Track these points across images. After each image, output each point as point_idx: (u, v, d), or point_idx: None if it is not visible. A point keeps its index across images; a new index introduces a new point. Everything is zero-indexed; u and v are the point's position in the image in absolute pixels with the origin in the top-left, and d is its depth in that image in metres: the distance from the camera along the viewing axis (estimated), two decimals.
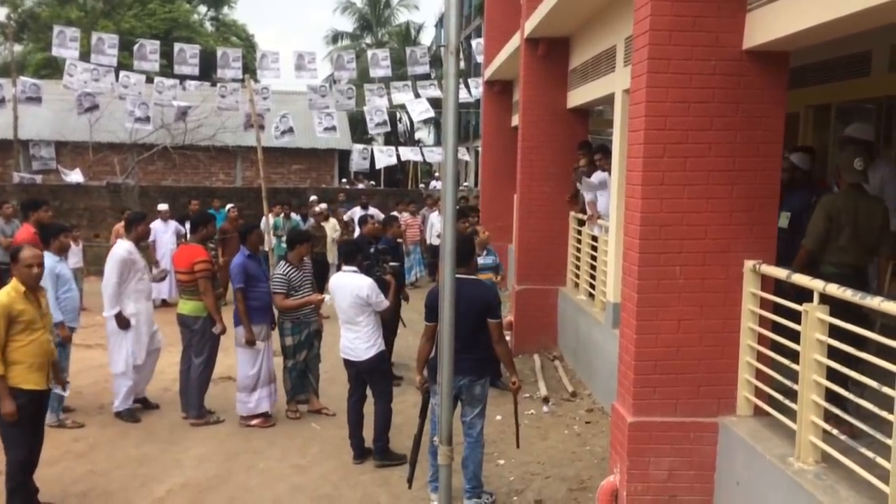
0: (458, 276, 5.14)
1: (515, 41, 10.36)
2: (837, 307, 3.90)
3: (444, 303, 3.09)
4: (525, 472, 5.98)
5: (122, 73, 16.69)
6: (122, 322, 7.03)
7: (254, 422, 6.99)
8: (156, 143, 20.30)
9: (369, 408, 6.25)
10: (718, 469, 4.73)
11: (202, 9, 42.25)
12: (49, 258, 6.60)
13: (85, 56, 16.84)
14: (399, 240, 8.86)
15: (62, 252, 6.81)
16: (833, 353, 3.90)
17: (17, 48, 33.42)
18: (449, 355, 3.03)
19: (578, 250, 9.09)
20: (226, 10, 42.59)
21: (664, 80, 4.53)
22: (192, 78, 17.45)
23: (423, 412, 5.34)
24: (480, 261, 7.67)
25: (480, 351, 5.22)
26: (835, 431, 3.81)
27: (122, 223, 8.17)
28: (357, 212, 14.21)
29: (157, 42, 17.23)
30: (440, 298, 3.22)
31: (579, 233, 9.06)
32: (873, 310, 3.70)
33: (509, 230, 12.07)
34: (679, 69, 4.52)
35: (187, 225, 11.21)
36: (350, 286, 6.11)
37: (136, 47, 16.73)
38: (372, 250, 7.99)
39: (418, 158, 19.31)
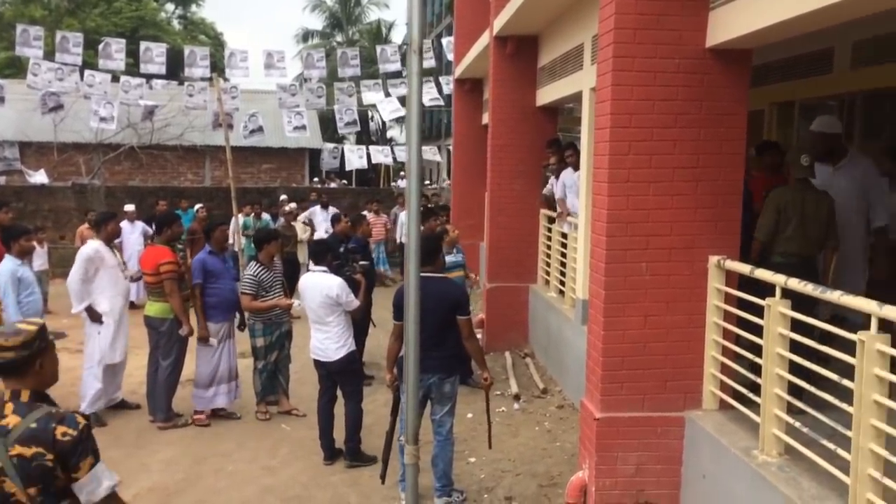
0: (424, 274, 5.19)
1: (485, 39, 10.37)
2: (793, 300, 3.99)
3: (408, 301, 3.09)
4: (496, 469, 5.99)
5: (86, 73, 16.39)
6: (94, 315, 6.98)
7: (197, 416, 7.01)
8: (122, 142, 20.01)
9: (340, 408, 6.22)
10: (685, 463, 4.78)
11: (170, 7, 41.80)
12: (10, 261, 6.51)
13: (49, 55, 16.53)
14: (369, 239, 8.83)
15: (24, 255, 6.70)
16: (799, 346, 3.96)
17: None
18: (414, 354, 3.03)
19: (549, 248, 9.12)
20: (194, 8, 42.20)
21: (629, 79, 4.56)
22: (159, 77, 17.21)
23: (394, 410, 5.35)
24: (451, 259, 7.68)
25: (449, 349, 5.25)
26: (798, 424, 3.86)
27: (86, 225, 8.06)
28: (317, 211, 14.14)
29: (123, 41, 16.94)
30: (405, 297, 3.22)
31: (549, 230, 9.10)
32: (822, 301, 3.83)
33: (481, 228, 12.08)
34: (643, 67, 4.55)
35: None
36: (320, 286, 6.07)
37: (101, 46, 16.44)
38: (342, 249, 7.96)
39: (388, 161, 19.22)
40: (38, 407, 2.66)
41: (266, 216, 13.89)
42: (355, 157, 17.55)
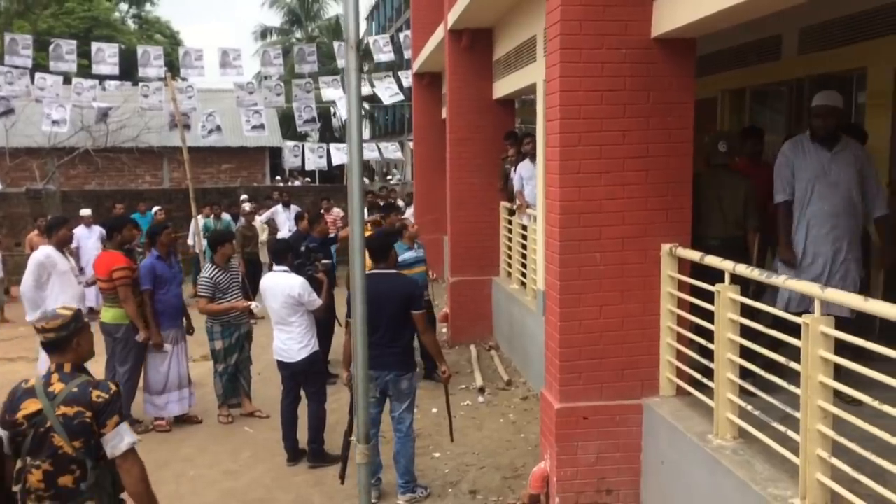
0: (376, 271, 5.25)
1: (440, 33, 10.35)
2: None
3: (355, 300, 3.07)
4: (460, 463, 6.00)
5: (37, 75, 16.04)
6: None
7: (158, 422, 6.95)
8: (76, 146, 19.61)
9: (304, 409, 6.18)
10: (644, 449, 4.83)
11: (123, 6, 41.05)
12: None
13: (0, 58, 16.16)
14: (330, 236, 8.75)
15: None
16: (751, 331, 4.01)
17: None
18: (362, 352, 3.01)
19: (510, 240, 9.15)
20: (148, 6, 41.49)
21: (577, 70, 4.57)
22: (113, 78, 16.90)
23: (352, 409, 5.28)
24: (412, 254, 7.66)
25: (404, 345, 5.27)
26: (749, 407, 3.91)
27: (35, 231, 7.90)
28: (278, 210, 14.00)
29: (74, 42, 16.57)
30: (351, 296, 3.19)
31: (510, 222, 9.13)
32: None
33: (445, 222, 12.08)
34: (590, 58, 4.57)
35: None
36: (281, 286, 6.02)
37: (51, 47, 16.10)
38: (302, 248, 7.90)
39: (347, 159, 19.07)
40: (78, 376, 3.27)
41: (226, 216, 13.72)
42: (315, 156, 17.41)
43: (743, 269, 3.89)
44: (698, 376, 4.49)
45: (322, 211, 11.55)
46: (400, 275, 5.51)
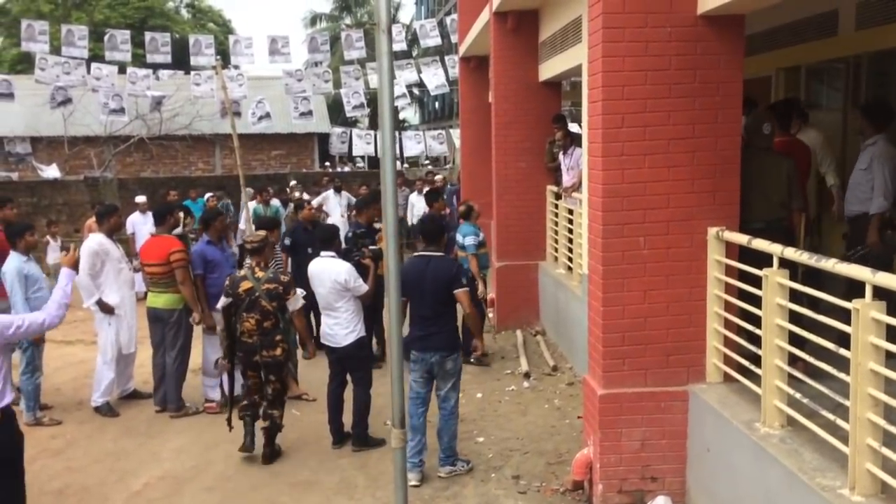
0: (424, 253, 5.42)
1: (486, 15, 10.25)
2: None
3: (389, 286, 3.06)
4: (504, 448, 5.99)
5: (93, 65, 16.45)
6: (105, 307, 7.05)
7: (208, 405, 7.08)
8: (132, 134, 20.08)
9: (350, 392, 6.25)
10: (690, 437, 4.74)
11: None
12: (16, 258, 6.55)
13: (58, 49, 16.60)
14: (375, 223, 8.77)
15: (29, 251, 6.73)
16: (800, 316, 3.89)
17: None
18: (397, 339, 3.00)
19: (556, 224, 9.07)
20: None
21: (620, 49, 4.47)
22: (166, 67, 17.24)
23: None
24: (477, 238, 8.01)
25: (450, 326, 5.44)
26: (798, 395, 3.80)
27: (93, 218, 8.10)
28: (329, 196, 14.07)
29: (128, 32, 16.97)
30: (386, 286, 3.17)
31: (556, 206, 9.03)
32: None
33: (491, 206, 12.02)
34: (634, 37, 4.46)
35: None
36: (328, 271, 6.06)
37: (107, 38, 16.49)
38: (350, 234, 7.94)
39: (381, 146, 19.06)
40: (268, 269, 5.94)
41: (275, 202, 13.88)
42: (362, 143, 17.48)
43: (791, 253, 3.77)
44: (746, 363, 4.38)
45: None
46: (445, 257, 5.62)
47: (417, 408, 5.52)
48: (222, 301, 5.96)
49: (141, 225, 12.54)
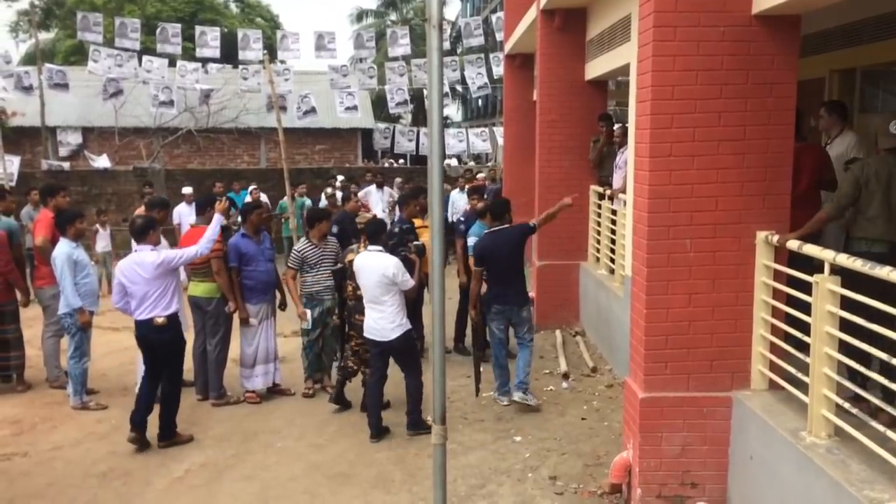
0: (496, 228, 6.90)
1: (532, 13, 10.20)
2: (852, 278, 3.79)
3: (433, 277, 3.05)
4: (541, 448, 5.96)
5: (144, 58, 16.78)
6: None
7: (249, 394, 7.18)
8: (180, 126, 20.44)
9: (389, 387, 6.29)
10: (732, 444, 4.66)
11: None
12: (66, 244, 6.71)
13: (111, 42, 16.98)
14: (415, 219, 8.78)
15: (79, 238, 6.89)
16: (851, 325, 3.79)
17: (46, 36, 33.80)
18: (439, 332, 3.00)
19: (599, 224, 8.98)
20: None
21: (670, 49, 4.40)
22: (214, 61, 17.50)
23: (475, 342, 7.23)
24: None
25: (521, 283, 6.89)
26: (847, 405, 3.71)
27: (143, 208, 8.25)
28: (371, 191, 14.14)
29: (179, 25, 17.28)
30: (429, 276, 3.17)
31: (599, 206, 8.95)
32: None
33: (534, 205, 11.96)
34: (686, 37, 4.39)
35: None
36: (375, 265, 6.09)
37: (158, 31, 16.82)
38: (396, 230, 7.97)
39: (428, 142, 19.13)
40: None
41: (300, 198, 14.14)
42: (405, 140, 17.55)
43: (844, 259, 3.68)
44: (793, 370, 4.29)
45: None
46: (514, 226, 6.86)
47: (501, 350, 6.87)
48: (336, 267, 6.93)
49: (187, 216, 12.74)
